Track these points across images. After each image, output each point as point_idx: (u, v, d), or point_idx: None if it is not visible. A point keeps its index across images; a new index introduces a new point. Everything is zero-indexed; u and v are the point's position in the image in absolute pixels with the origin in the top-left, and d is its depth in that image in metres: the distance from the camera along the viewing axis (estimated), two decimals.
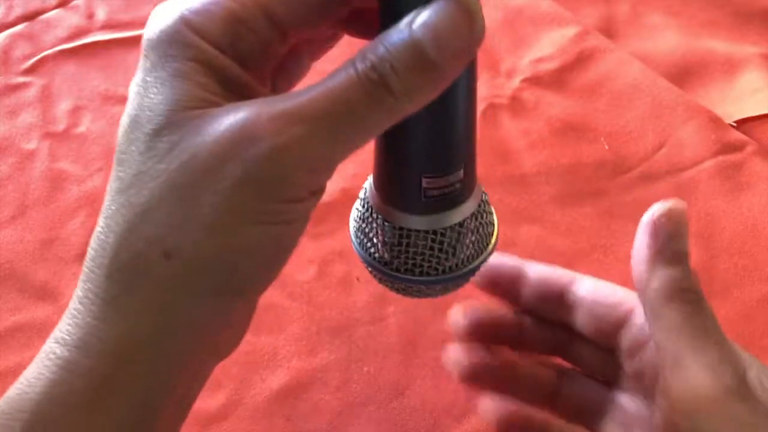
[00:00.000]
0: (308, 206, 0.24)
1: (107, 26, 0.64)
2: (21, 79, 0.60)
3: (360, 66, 0.22)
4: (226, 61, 0.23)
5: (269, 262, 0.24)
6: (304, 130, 0.21)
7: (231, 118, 0.22)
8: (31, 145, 0.55)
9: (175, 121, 0.22)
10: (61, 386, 0.23)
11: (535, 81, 0.56)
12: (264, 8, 0.24)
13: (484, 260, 0.29)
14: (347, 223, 0.30)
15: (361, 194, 0.29)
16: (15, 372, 0.43)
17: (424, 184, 0.26)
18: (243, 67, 0.24)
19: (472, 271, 0.29)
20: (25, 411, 0.23)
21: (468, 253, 0.28)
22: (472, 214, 0.28)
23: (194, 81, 0.23)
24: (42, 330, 0.45)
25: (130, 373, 0.23)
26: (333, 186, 0.48)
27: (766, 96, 0.53)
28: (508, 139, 0.52)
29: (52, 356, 0.23)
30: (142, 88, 0.23)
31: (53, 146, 0.55)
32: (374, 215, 0.28)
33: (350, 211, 0.30)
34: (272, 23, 0.24)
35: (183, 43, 0.23)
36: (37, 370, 0.23)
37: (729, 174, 0.49)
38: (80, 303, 0.23)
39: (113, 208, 0.23)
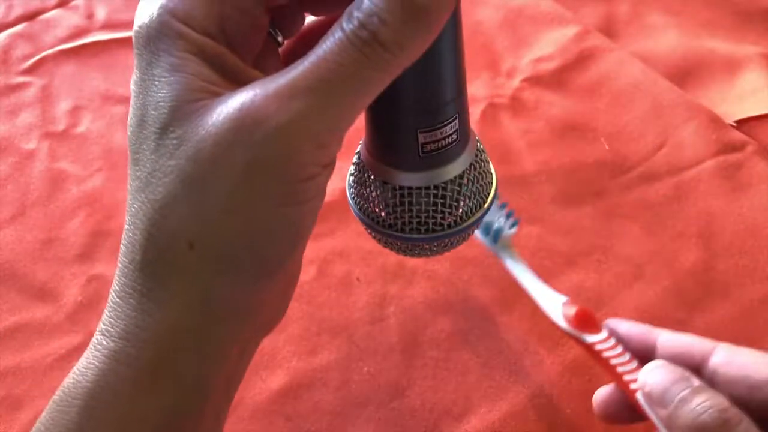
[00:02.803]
0: (322, 181, 0.24)
1: (107, 26, 0.64)
2: (21, 79, 0.60)
3: (348, 26, 0.21)
4: (216, 47, 0.23)
5: (291, 241, 0.24)
6: (303, 103, 0.21)
7: (230, 106, 0.22)
8: (31, 145, 0.55)
9: (178, 117, 0.22)
10: (109, 375, 0.24)
11: (535, 81, 0.56)
12: None
13: (487, 210, 0.28)
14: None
15: (355, 159, 0.29)
16: (15, 372, 0.43)
17: (420, 140, 0.25)
18: (232, 49, 0.24)
19: (476, 223, 0.28)
20: (79, 398, 0.24)
21: (471, 204, 0.27)
22: (471, 165, 0.27)
23: (190, 73, 0.23)
24: (42, 330, 0.45)
25: (175, 360, 0.24)
26: (333, 186, 0.48)
27: (767, 96, 0.53)
28: (508, 139, 0.52)
29: (99, 347, 0.24)
30: (141, 87, 0.24)
31: (53, 146, 0.55)
32: (372, 178, 0.27)
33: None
34: None
35: (172, 35, 0.23)
36: (87, 360, 0.24)
37: (729, 174, 0.49)
38: (119, 297, 0.24)
39: (135, 206, 0.24)
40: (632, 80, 0.55)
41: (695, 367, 0.31)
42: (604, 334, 0.33)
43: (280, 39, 0.28)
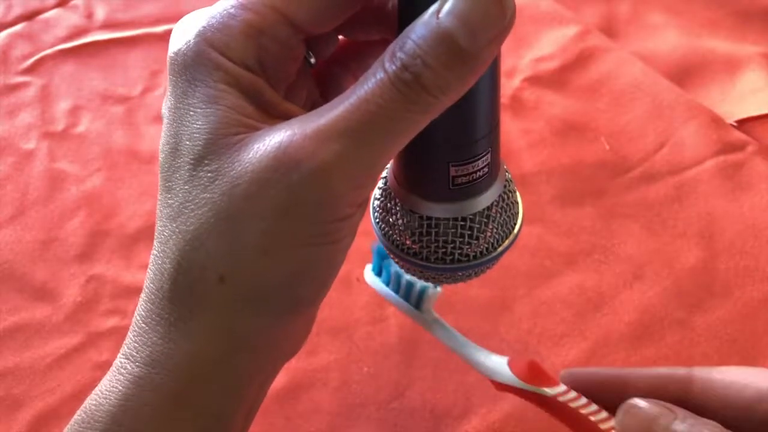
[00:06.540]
0: (356, 220, 0.23)
1: (106, 26, 0.64)
2: (20, 79, 0.60)
3: (390, 67, 0.21)
4: (253, 79, 0.23)
5: (322, 280, 0.24)
6: (342, 145, 0.21)
7: (268, 144, 0.22)
8: (30, 145, 0.55)
9: (213, 150, 0.22)
10: (133, 400, 0.24)
11: (535, 80, 0.56)
12: (283, 14, 0.23)
13: (513, 240, 0.28)
14: None
15: (381, 184, 0.29)
16: (14, 372, 0.43)
17: (452, 173, 0.25)
18: (268, 80, 0.24)
19: (502, 254, 0.28)
20: (101, 421, 0.24)
21: (497, 235, 0.28)
22: (500, 196, 0.27)
23: (226, 105, 0.23)
24: (41, 330, 0.45)
25: (198, 391, 0.24)
26: None
27: (767, 95, 0.53)
28: (508, 139, 0.52)
29: (123, 371, 0.24)
30: (176, 115, 0.23)
31: (52, 146, 0.55)
32: (399, 206, 0.27)
33: None
34: (293, 27, 0.24)
35: (209, 65, 0.23)
36: (110, 383, 0.24)
37: (730, 174, 0.49)
38: (144, 322, 0.24)
39: (165, 233, 0.24)
40: (632, 80, 0.55)
41: (677, 401, 0.27)
42: (563, 387, 0.29)
43: (312, 61, 0.27)
